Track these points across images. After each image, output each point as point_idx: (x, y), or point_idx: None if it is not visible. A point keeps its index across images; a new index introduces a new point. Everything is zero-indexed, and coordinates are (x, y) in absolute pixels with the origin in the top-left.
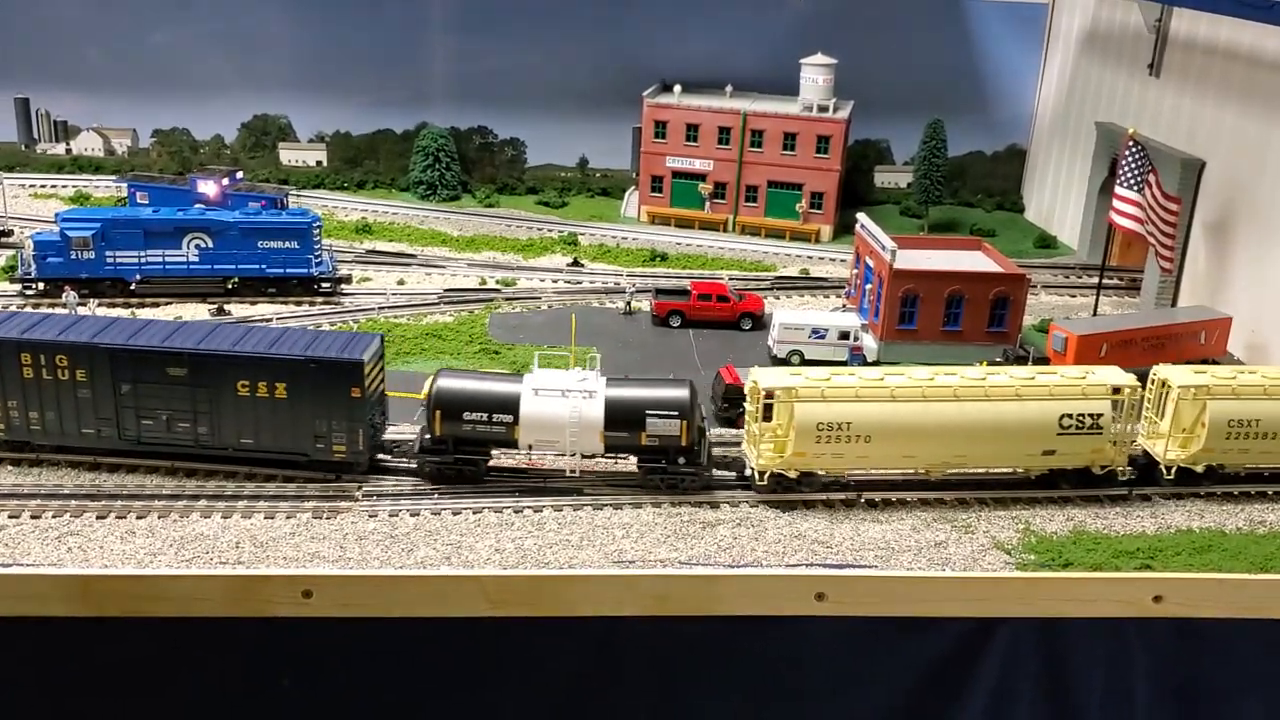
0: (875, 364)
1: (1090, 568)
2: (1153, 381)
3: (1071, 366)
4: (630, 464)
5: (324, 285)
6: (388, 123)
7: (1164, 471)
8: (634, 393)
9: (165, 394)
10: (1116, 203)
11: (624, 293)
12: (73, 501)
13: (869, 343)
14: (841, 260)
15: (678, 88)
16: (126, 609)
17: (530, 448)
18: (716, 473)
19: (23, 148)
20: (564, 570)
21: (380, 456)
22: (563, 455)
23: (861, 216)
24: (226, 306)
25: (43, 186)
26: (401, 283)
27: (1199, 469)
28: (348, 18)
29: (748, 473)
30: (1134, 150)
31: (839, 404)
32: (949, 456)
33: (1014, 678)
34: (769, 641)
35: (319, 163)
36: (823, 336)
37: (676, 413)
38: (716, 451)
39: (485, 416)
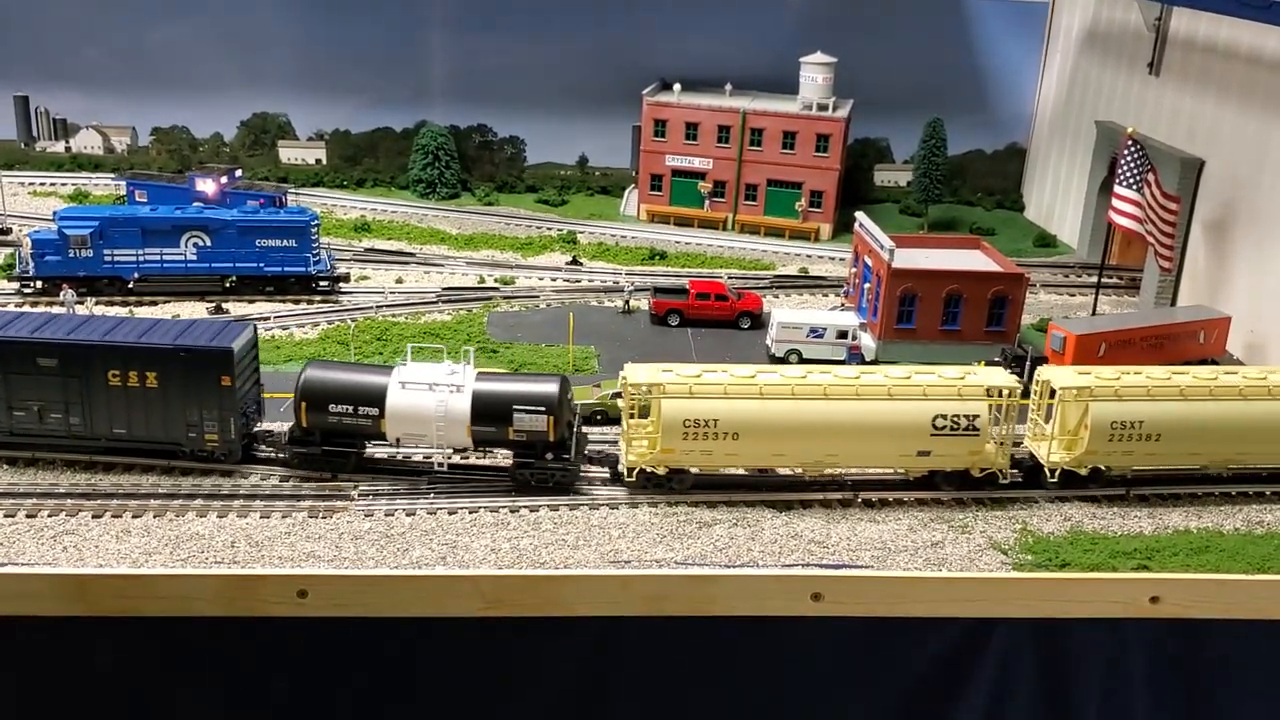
0: (874, 363)
1: (1087, 568)
2: (1037, 383)
3: (951, 368)
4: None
5: (322, 284)
6: (387, 121)
7: (1048, 475)
8: (501, 387)
9: (36, 385)
10: (1115, 202)
11: (622, 291)
12: (68, 501)
13: (867, 342)
14: (841, 259)
15: (677, 86)
16: (121, 608)
17: (399, 441)
18: (592, 469)
19: (22, 146)
20: (559, 570)
21: (256, 448)
22: (433, 449)
23: (860, 215)
24: (224, 305)
25: (42, 184)
26: (400, 281)
27: (1083, 472)
28: (347, 16)
29: (620, 469)
30: (1133, 149)
31: (707, 400)
32: (820, 455)
33: (1011, 678)
34: (765, 642)
35: (318, 161)
36: (821, 336)
37: (544, 408)
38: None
39: (351, 409)
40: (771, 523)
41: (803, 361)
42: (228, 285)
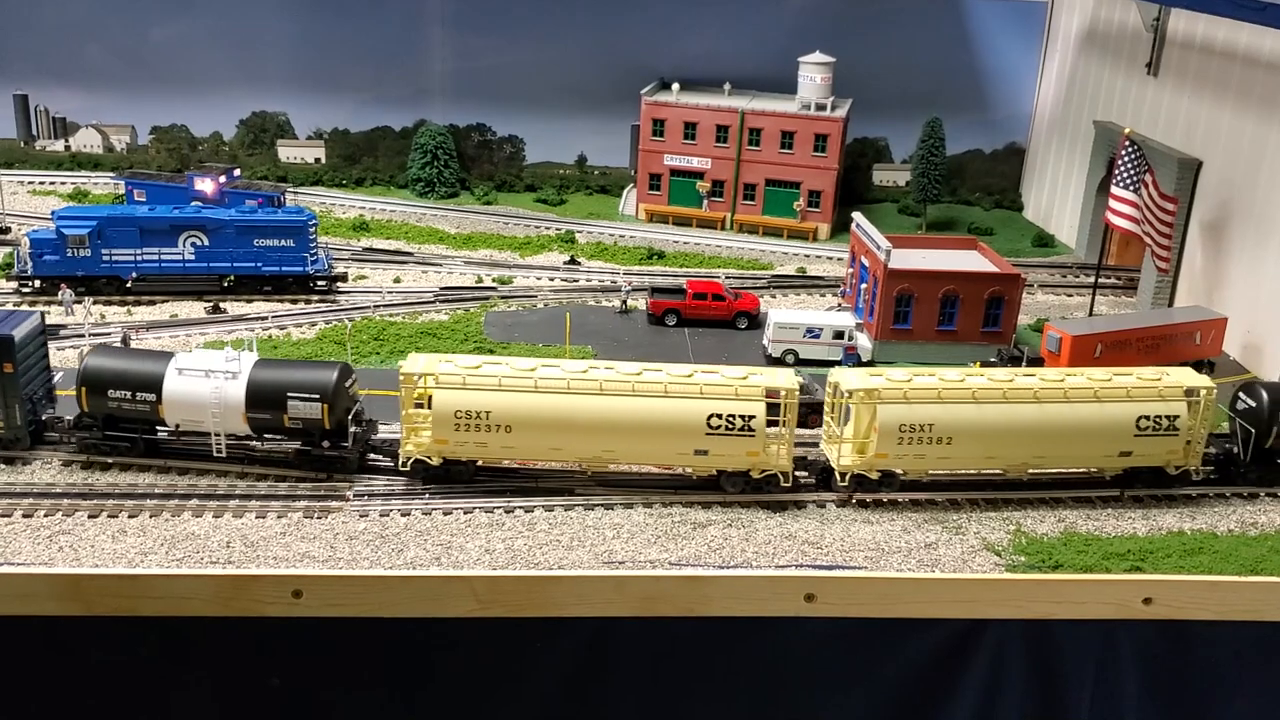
0: (870, 364)
1: (1081, 569)
2: (829, 385)
3: (737, 368)
4: None
5: (320, 283)
6: (386, 120)
7: (839, 478)
8: (277, 375)
9: None
10: (1113, 202)
11: (620, 291)
12: (64, 500)
13: (864, 342)
14: (839, 259)
15: (676, 86)
16: (117, 608)
17: (178, 427)
18: (377, 459)
19: (22, 144)
20: (554, 571)
21: (46, 435)
22: (212, 435)
23: (857, 216)
24: (222, 304)
25: (41, 183)
26: (398, 280)
27: (874, 475)
28: (347, 14)
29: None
30: (1131, 150)
31: (480, 393)
32: (597, 451)
33: (1003, 679)
34: (758, 642)
35: (317, 160)
36: (817, 336)
37: (318, 395)
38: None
39: (130, 395)
40: (765, 524)
41: (799, 362)
42: (225, 285)
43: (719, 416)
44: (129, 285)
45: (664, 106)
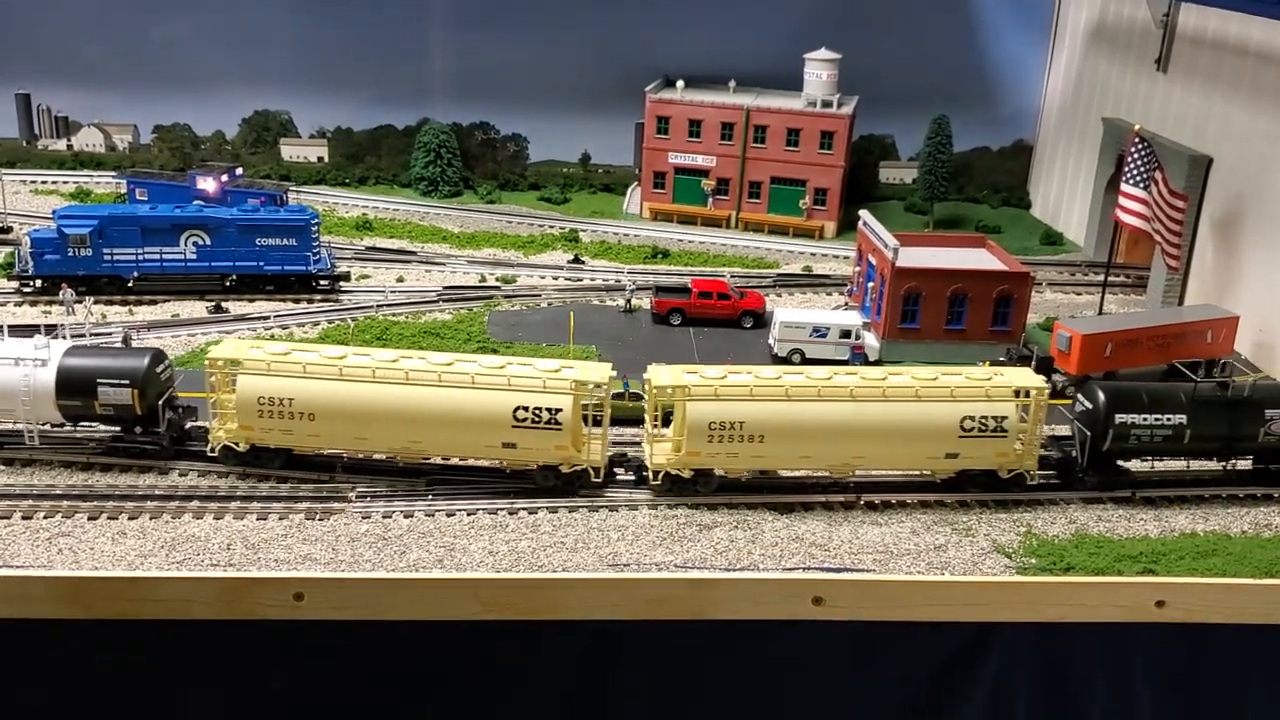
0: (878, 363)
1: (1092, 572)
2: (645, 383)
3: (553, 360)
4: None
5: (322, 282)
6: (389, 118)
7: (651, 476)
8: (87, 362)
9: None
10: (1123, 200)
11: (624, 290)
12: (64, 502)
13: (871, 341)
14: (845, 257)
15: (680, 83)
16: (117, 611)
17: None
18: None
19: (24, 144)
20: (558, 574)
21: None
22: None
23: (864, 214)
24: (224, 304)
25: (44, 183)
26: (400, 280)
27: (685, 474)
28: (350, 13)
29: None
30: (1140, 147)
31: (283, 380)
32: (404, 442)
33: (1014, 684)
34: (765, 646)
35: (320, 159)
36: (824, 335)
37: (128, 381)
38: None
39: None
40: (772, 525)
41: (805, 362)
42: (228, 284)
43: (525, 409)
44: (130, 285)
45: (668, 104)
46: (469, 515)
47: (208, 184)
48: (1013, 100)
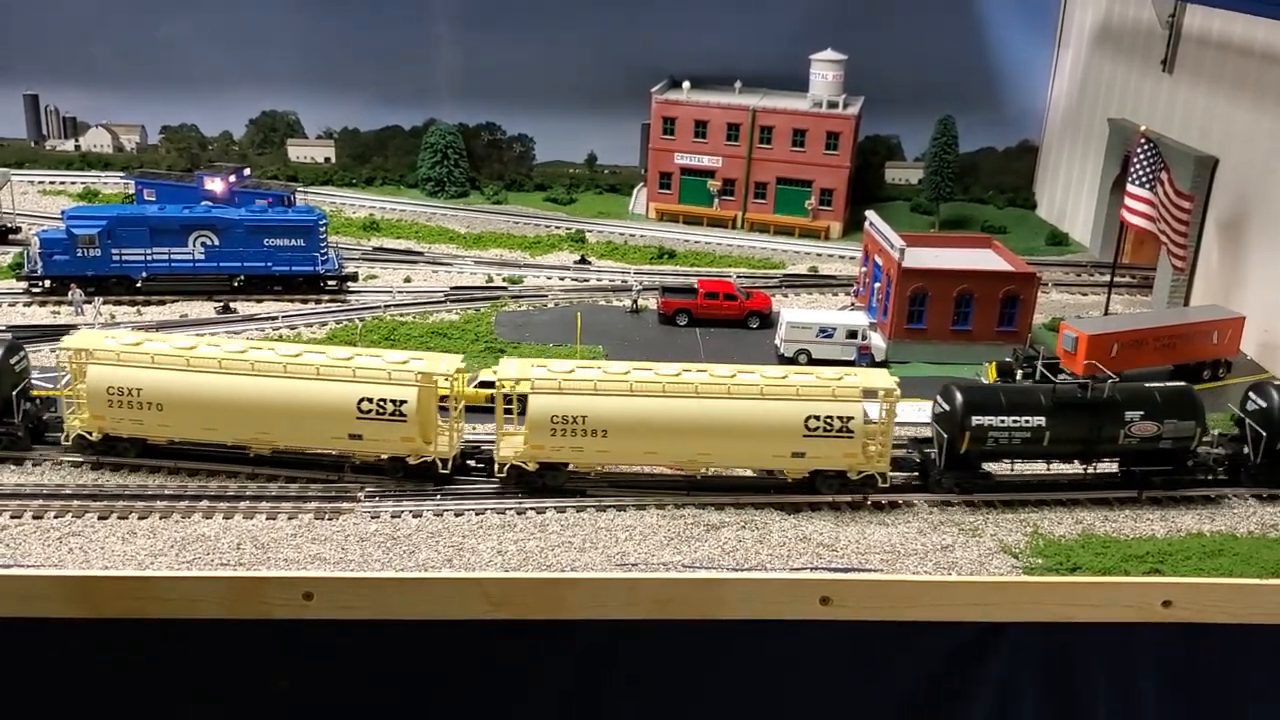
0: (884, 364)
1: (1099, 572)
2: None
3: (402, 352)
4: None
5: (330, 283)
6: (396, 119)
7: (496, 469)
8: None
9: None
10: (1128, 200)
11: (630, 290)
12: (74, 502)
13: (877, 342)
14: (851, 258)
15: (686, 84)
16: (127, 610)
17: None
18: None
19: (32, 144)
20: (566, 574)
21: None
22: None
23: (870, 214)
24: (232, 304)
25: (52, 183)
26: (408, 280)
27: (530, 467)
28: (356, 13)
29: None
30: (1146, 147)
31: (132, 369)
32: (252, 433)
33: (1021, 682)
34: (773, 645)
35: (327, 159)
36: (830, 335)
37: None
38: None
39: None
40: (780, 525)
41: (811, 362)
42: (236, 285)
43: (370, 401)
44: (139, 285)
45: (674, 105)
46: (477, 515)
47: (215, 184)
48: (1018, 101)
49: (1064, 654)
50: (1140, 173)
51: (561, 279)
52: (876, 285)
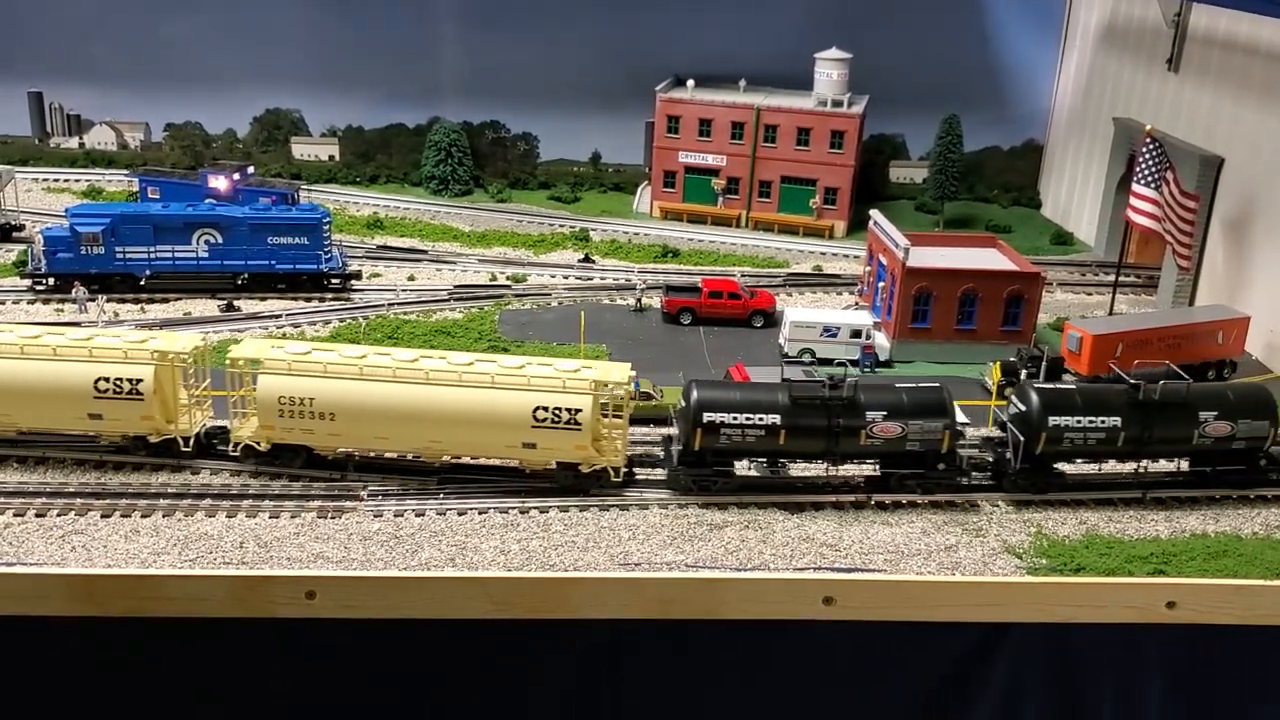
0: (887, 364)
1: (1103, 572)
2: (228, 357)
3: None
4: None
5: (334, 281)
6: (400, 117)
7: (231, 448)
8: None
9: None
10: (1134, 200)
11: (634, 289)
12: (77, 500)
13: (881, 341)
14: (855, 257)
15: (691, 82)
16: (130, 609)
17: None
18: None
19: (36, 142)
20: (568, 573)
21: None
22: None
23: (874, 213)
24: (236, 302)
25: (56, 181)
26: (412, 279)
27: (263, 447)
28: (360, 11)
29: None
30: (1152, 147)
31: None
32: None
33: (1024, 683)
34: (776, 646)
35: (331, 157)
36: (834, 335)
37: None
38: None
39: None
40: (783, 525)
41: (816, 361)
42: (239, 283)
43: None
44: (143, 283)
45: (679, 103)
46: (480, 514)
47: (219, 182)
48: (1023, 100)
49: (1068, 655)
50: (1145, 172)
51: (565, 278)
52: (881, 284)
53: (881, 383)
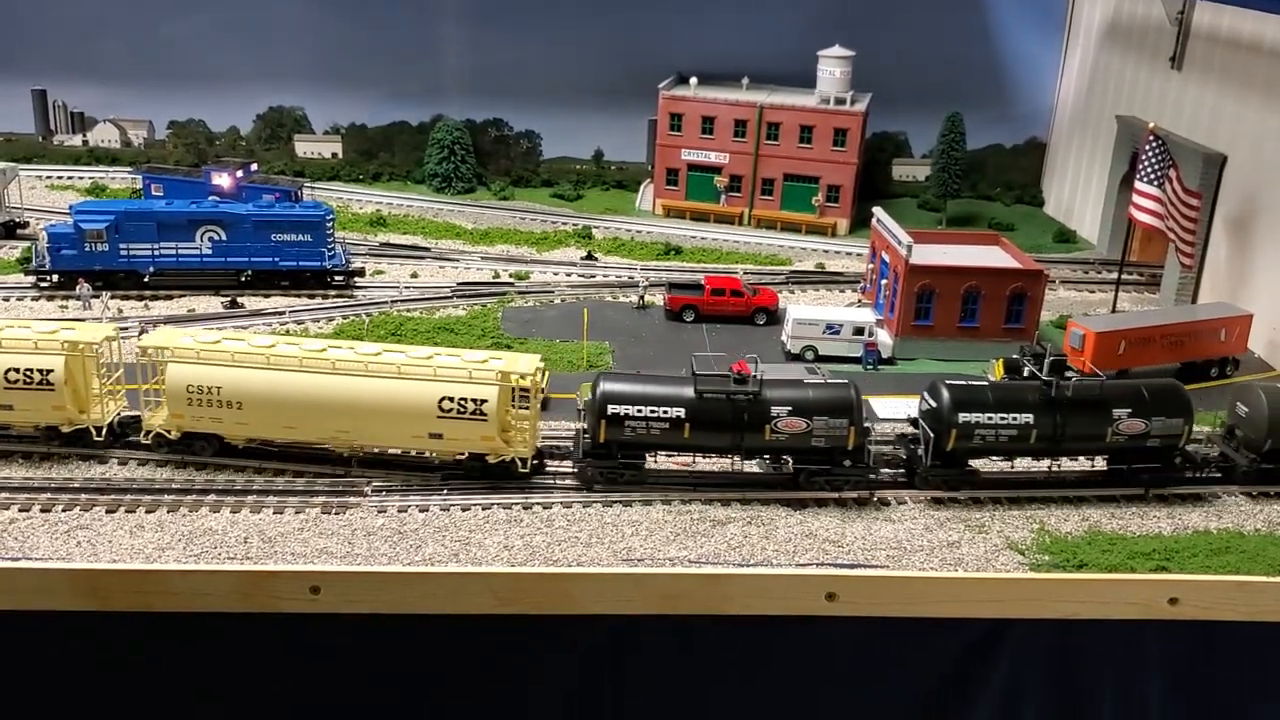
0: (890, 361)
1: (1105, 569)
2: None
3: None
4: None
5: (337, 278)
6: (403, 115)
7: (143, 436)
8: None
9: None
10: (1137, 198)
11: (637, 287)
12: (82, 495)
13: (884, 339)
14: (858, 254)
15: (694, 80)
16: (134, 604)
17: None
18: None
19: (40, 139)
20: (572, 569)
21: None
22: None
23: (877, 211)
24: (240, 299)
25: (59, 178)
26: (415, 276)
27: (173, 435)
28: (364, 9)
29: None
30: (1155, 144)
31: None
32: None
33: (1026, 680)
34: (779, 642)
35: (334, 155)
36: (837, 332)
37: None
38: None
39: None
40: (786, 521)
41: (819, 359)
42: (243, 280)
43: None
44: (146, 280)
45: (681, 101)
46: (484, 510)
47: (223, 180)
48: (1026, 98)
49: (1069, 651)
50: (1148, 170)
51: (568, 275)
52: (883, 282)
53: (790, 379)
